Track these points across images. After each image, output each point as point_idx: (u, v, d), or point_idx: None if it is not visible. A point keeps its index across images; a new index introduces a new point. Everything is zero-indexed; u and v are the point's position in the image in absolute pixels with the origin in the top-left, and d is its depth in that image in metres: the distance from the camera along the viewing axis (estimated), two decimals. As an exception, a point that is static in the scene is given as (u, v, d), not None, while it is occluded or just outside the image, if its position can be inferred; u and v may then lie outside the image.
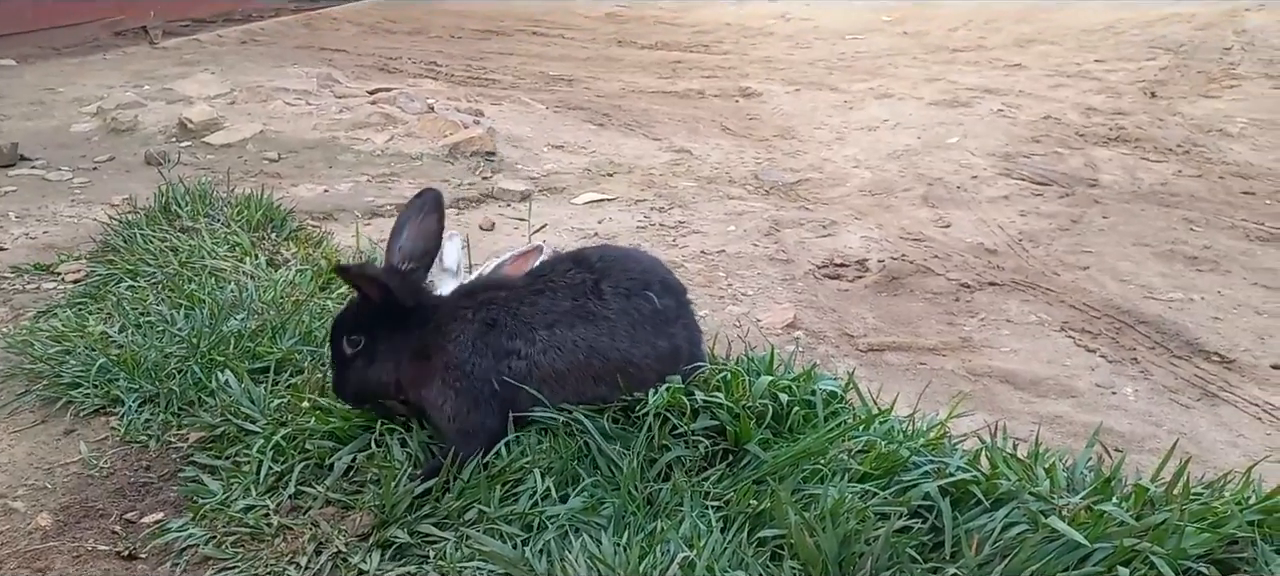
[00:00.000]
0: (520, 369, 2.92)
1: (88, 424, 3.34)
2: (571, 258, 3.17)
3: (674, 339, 3.08)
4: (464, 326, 2.97)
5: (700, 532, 2.45)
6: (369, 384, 3.04)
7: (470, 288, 3.17)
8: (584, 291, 3.00)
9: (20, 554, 2.71)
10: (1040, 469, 2.69)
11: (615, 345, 2.96)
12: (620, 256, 3.22)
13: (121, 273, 4.34)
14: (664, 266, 3.35)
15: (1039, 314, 4.99)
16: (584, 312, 2.97)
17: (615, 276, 3.05)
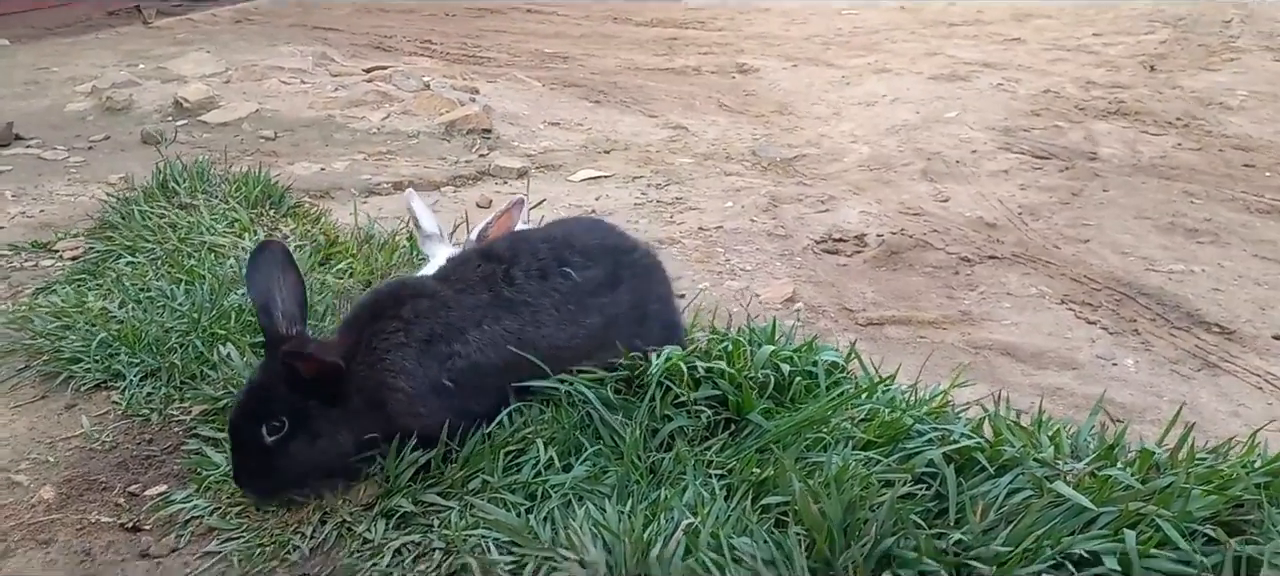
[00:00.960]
0: (463, 368, 2.78)
1: (89, 398, 3.33)
2: (480, 251, 3.06)
3: (607, 310, 2.98)
4: (402, 353, 2.74)
5: (704, 500, 2.45)
6: (318, 465, 2.71)
7: (387, 306, 2.84)
8: (496, 281, 2.89)
9: (24, 526, 2.71)
10: (1044, 436, 2.69)
11: (541, 333, 2.87)
12: (533, 236, 3.12)
13: (120, 249, 4.32)
14: (599, 230, 3.23)
15: (1040, 287, 5.00)
16: (504, 303, 2.87)
17: (525, 260, 2.93)
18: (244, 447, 2.68)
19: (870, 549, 2.24)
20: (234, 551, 2.58)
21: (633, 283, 3.08)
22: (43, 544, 2.65)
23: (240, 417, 2.69)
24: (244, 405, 2.70)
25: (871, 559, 2.24)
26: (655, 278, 3.25)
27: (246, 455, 2.68)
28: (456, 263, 3.04)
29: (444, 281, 2.93)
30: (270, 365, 2.69)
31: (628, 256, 3.14)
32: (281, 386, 2.64)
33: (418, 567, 2.46)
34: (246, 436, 2.67)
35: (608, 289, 3.02)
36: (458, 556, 2.44)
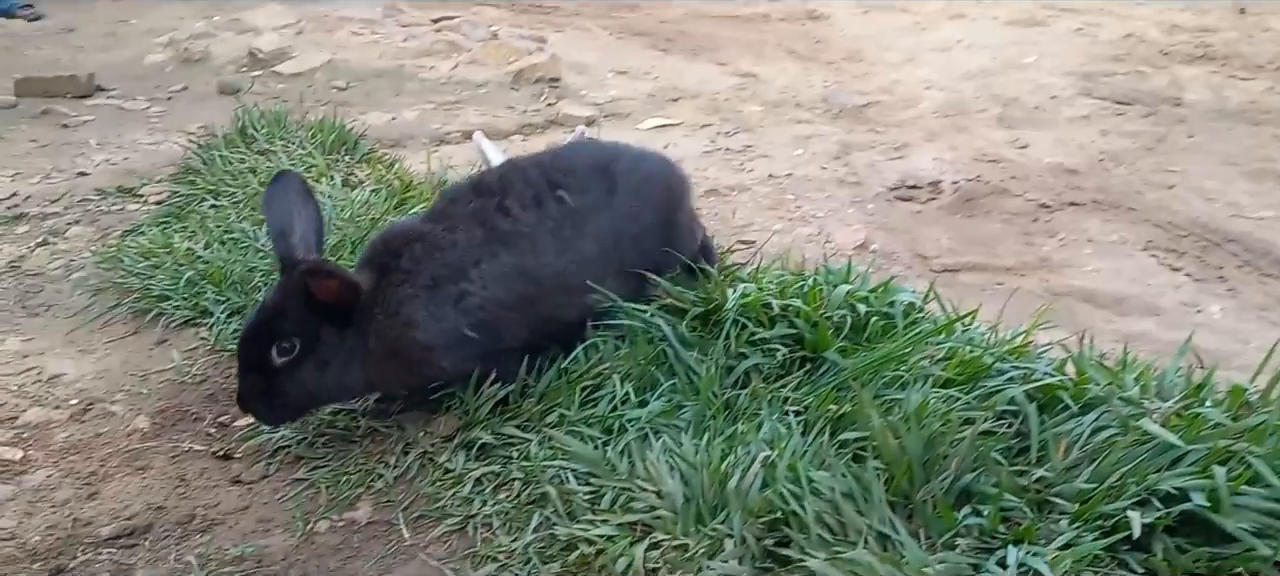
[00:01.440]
0: (474, 305, 2.74)
1: (179, 334, 3.44)
2: (471, 185, 2.97)
3: (607, 227, 2.91)
4: (412, 305, 2.69)
5: (780, 435, 2.45)
6: (323, 393, 2.71)
7: (383, 249, 2.82)
8: (490, 215, 2.81)
9: (121, 453, 2.82)
10: (1129, 376, 2.64)
11: (541, 261, 2.81)
12: (523, 162, 3.04)
13: (203, 193, 4.43)
14: (590, 149, 3.15)
15: (1122, 233, 4.87)
16: (500, 237, 2.79)
17: (517, 189, 2.86)
18: (252, 368, 2.62)
19: (950, 484, 2.23)
20: (321, 479, 2.66)
21: (626, 194, 2.98)
22: (139, 470, 2.75)
23: (250, 337, 2.63)
24: (255, 325, 2.64)
25: (951, 493, 2.22)
26: (654, 185, 3.11)
27: (254, 376, 2.63)
28: (448, 199, 2.94)
29: (435, 221, 2.85)
30: (285, 287, 2.64)
31: (617, 165, 3.02)
32: (296, 307, 2.60)
33: (498, 496, 2.51)
34: (255, 357, 2.61)
35: (604, 207, 2.94)
36: (537, 486, 2.48)
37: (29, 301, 3.73)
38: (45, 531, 2.50)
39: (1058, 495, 2.22)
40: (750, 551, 2.16)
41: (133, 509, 2.57)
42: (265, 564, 2.37)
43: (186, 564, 2.37)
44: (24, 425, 2.95)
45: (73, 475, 2.73)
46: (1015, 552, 2.02)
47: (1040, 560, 1.99)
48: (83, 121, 6.39)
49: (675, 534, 2.25)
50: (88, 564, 2.39)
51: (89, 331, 3.49)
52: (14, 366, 3.27)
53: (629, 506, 2.36)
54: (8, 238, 4.37)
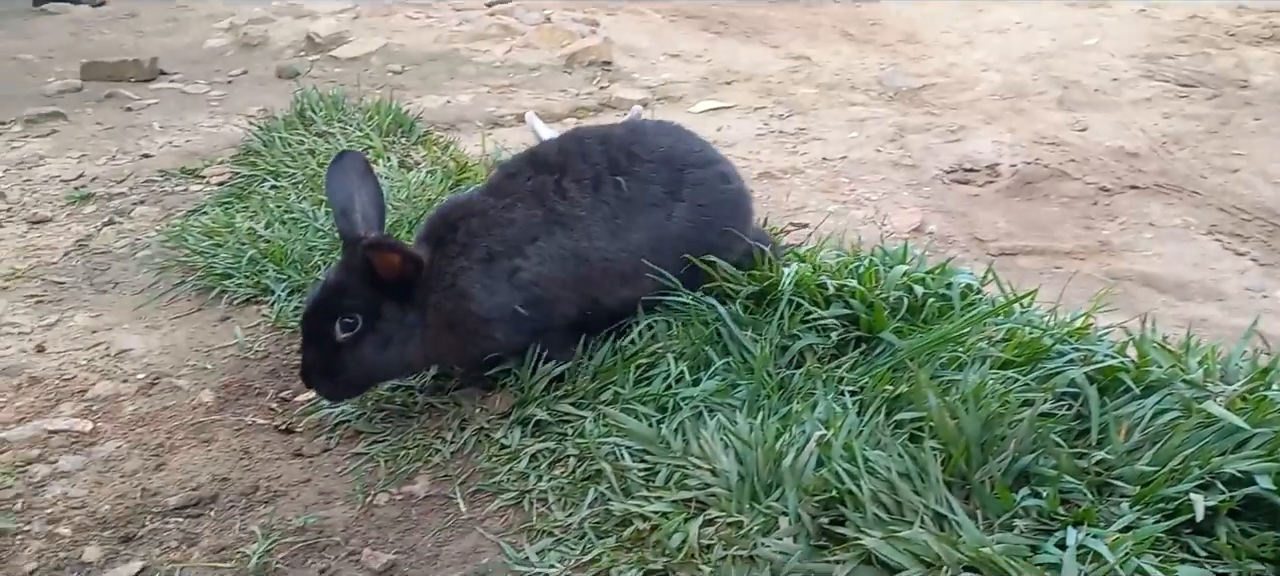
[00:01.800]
0: (527, 281, 2.74)
1: (241, 311, 3.51)
2: (529, 160, 2.95)
3: (662, 227, 2.86)
4: (468, 274, 2.71)
5: (836, 414, 2.45)
6: (384, 368, 2.74)
7: (440, 224, 2.85)
8: (548, 194, 2.80)
9: (186, 426, 2.89)
10: (1193, 359, 2.59)
11: (593, 246, 2.78)
12: (588, 138, 2.98)
13: (264, 174, 4.51)
14: (670, 136, 3.04)
15: (1184, 217, 4.78)
16: (557, 218, 2.78)
17: (575, 168, 2.84)
18: (315, 344, 2.66)
19: (1008, 464, 2.21)
20: (380, 453, 2.70)
21: (691, 209, 2.90)
22: (205, 442, 2.82)
23: (314, 313, 2.66)
24: (318, 300, 2.68)
25: (1009, 474, 2.20)
26: (723, 202, 3.01)
27: (317, 352, 2.66)
28: (507, 174, 2.93)
29: (494, 195, 2.85)
30: (348, 264, 2.69)
31: (688, 172, 2.94)
32: (358, 283, 2.64)
33: (553, 472, 2.53)
34: (319, 332, 2.65)
35: (662, 206, 2.88)
36: (592, 462, 2.50)
37: (97, 278, 3.83)
38: (114, 500, 2.57)
39: (1118, 477, 2.19)
40: (805, 529, 2.16)
41: (199, 479, 2.64)
42: (326, 534, 2.42)
43: (251, 532, 2.42)
44: (93, 398, 3.03)
45: (141, 446, 2.80)
46: (1074, 534, 2.00)
47: (1100, 542, 1.97)
48: (146, 105, 6.53)
49: (730, 511, 2.26)
50: (156, 532, 2.45)
51: (155, 308, 3.57)
52: (83, 341, 3.36)
53: (683, 483, 2.37)
54: (76, 217, 4.48)
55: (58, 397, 3.03)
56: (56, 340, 3.36)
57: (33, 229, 4.34)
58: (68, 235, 4.26)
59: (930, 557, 1.97)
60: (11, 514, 2.50)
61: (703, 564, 2.16)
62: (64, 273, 3.88)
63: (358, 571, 2.30)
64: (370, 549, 2.36)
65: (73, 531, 2.45)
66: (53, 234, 4.29)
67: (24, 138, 5.68)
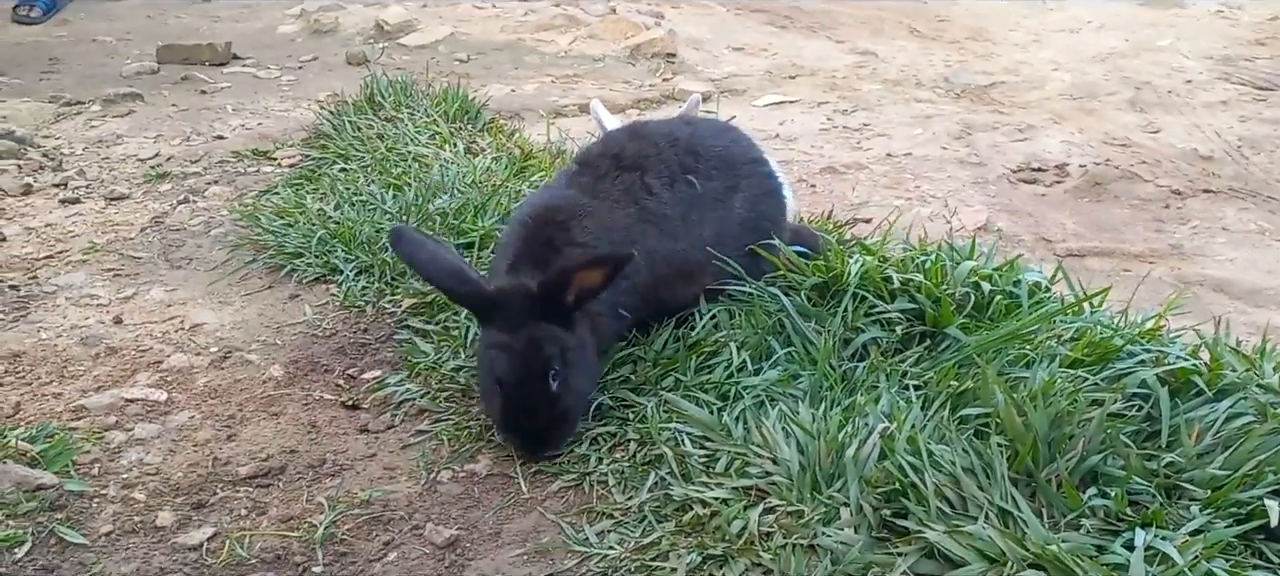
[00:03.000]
0: (630, 285, 2.77)
1: (310, 289, 3.58)
2: (609, 156, 2.97)
3: (724, 225, 2.96)
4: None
5: (899, 408, 2.43)
6: (588, 392, 2.69)
7: (545, 226, 2.80)
8: (638, 193, 2.85)
9: (257, 399, 2.96)
10: (1268, 365, 2.53)
11: (676, 247, 2.86)
12: (656, 136, 3.04)
13: (333, 156, 4.60)
14: (726, 136, 3.16)
15: (1260, 222, 4.67)
16: (649, 217, 2.84)
17: (654, 166, 2.90)
18: (537, 408, 2.54)
19: (1076, 464, 2.18)
20: (443, 432, 2.74)
21: (746, 203, 3.03)
22: (274, 415, 2.88)
23: (526, 381, 2.52)
24: (522, 369, 2.52)
25: (1077, 473, 2.18)
26: (770, 197, 3.14)
27: (543, 412, 2.54)
28: (592, 172, 2.95)
29: (589, 194, 2.87)
30: (517, 319, 2.56)
31: (743, 167, 3.07)
32: (542, 328, 2.54)
33: (613, 455, 2.55)
34: (538, 396, 2.53)
35: (723, 202, 2.98)
36: (652, 447, 2.52)
37: (172, 255, 3.93)
38: (187, 468, 2.64)
39: (1188, 481, 2.15)
40: (867, 520, 2.15)
41: (268, 451, 2.70)
42: (391, 508, 2.46)
43: (318, 504, 2.48)
44: (168, 369, 3.11)
45: (213, 417, 2.87)
46: (1142, 535, 1.97)
47: (1168, 544, 1.94)
48: (220, 88, 6.67)
49: (790, 500, 2.26)
50: (226, 500, 2.52)
51: (227, 284, 3.66)
52: (159, 315, 3.46)
53: (744, 471, 2.37)
54: (152, 195, 4.60)
55: (134, 368, 3.12)
56: (133, 313, 3.46)
57: (111, 205, 4.47)
58: (144, 212, 4.38)
59: (994, 553, 1.96)
60: (89, 478, 2.58)
61: (763, 551, 2.16)
62: (140, 248, 3.99)
63: (421, 545, 2.34)
64: (433, 524, 2.40)
65: (147, 497, 2.53)
66: (130, 210, 4.41)
67: (102, 117, 5.84)
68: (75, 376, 3.07)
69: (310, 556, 2.31)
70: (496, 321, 2.60)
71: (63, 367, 3.11)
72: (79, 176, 4.83)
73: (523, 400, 2.54)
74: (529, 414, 2.54)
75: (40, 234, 4.13)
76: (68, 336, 3.30)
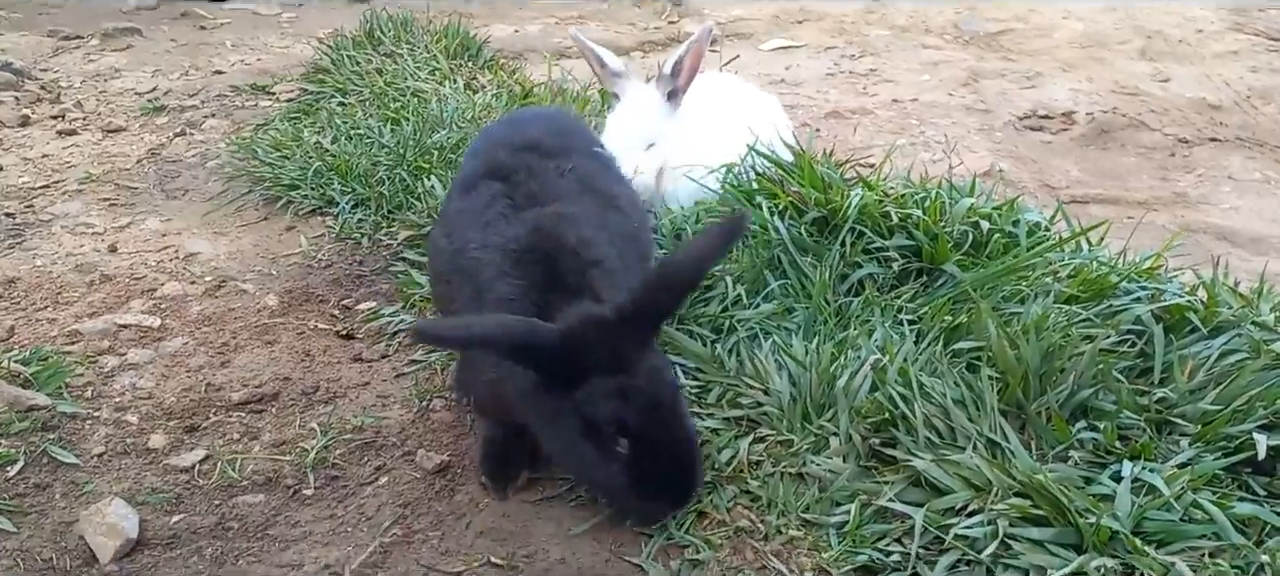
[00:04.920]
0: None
1: (306, 221, 3.57)
2: (525, 149, 2.52)
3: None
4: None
5: (892, 341, 2.42)
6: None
7: (520, 255, 2.20)
8: (576, 177, 2.48)
9: (251, 327, 2.95)
10: (1264, 304, 2.51)
11: (631, 223, 2.53)
12: (529, 127, 2.69)
13: (331, 91, 4.56)
14: (551, 125, 2.77)
15: (1265, 171, 4.62)
16: (605, 202, 2.48)
17: (566, 153, 2.55)
18: (684, 447, 2.06)
19: (1066, 397, 2.18)
20: (438, 361, 2.74)
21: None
22: (268, 343, 2.88)
23: (663, 422, 2.02)
24: (656, 407, 2.00)
25: (1067, 407, 2.17)
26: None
27: (688, 453, 2.08)
28: (500, 175, 2.43)
29: (536, 197, 2.36)
30: (617, 356, 2.00)
31: (574, 138, 2.75)
32: (654, 356, 2.10)
33: (606, 386, 2.54)
34: (682, 430, 2.07)
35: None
36: (644, 378, 2.50)
37: (167, 186, 3.92)
38: (180, 393, 2.64)
39: (1179, 415, 2.15)
40: (856, 449, 2.15)
41: (261, 378, 2.70)
42: (383, 434, 2.46)
43: (310, 430, 2.48)
44: (162, 297, 3.11)
45: (206, 344, 2.87)
46: (1130, 467, 1.96)
47: (1156, 476, 1.93)
48: (219, 24, 6.62)
49: (780, 430, 2.26)
50: (219, 424, 2.52)
51: (223, 215, 3.65)
52: (154, 244, 3.45)
53: (736, 402, 2.37)
54: (149, 127, 4.58)
55: (128, 295, 3.12)
56: (128, 242, 3.45)
57: (107, 137, 4.45)
58: (141, 144, 4.36)
59: (981, 482, 1.96)
60: (82, 400, 2.59)
61: (751, 478, 2.16)
62: (136, 179, 3.98)
63: (412, 470, 2.34)
64: (425, 450, 2.40)
65: (139, 419, 2.53)
66: (126, 142, 4.39)
67: (101, 51, 5.80)
68: (69, 303, 3.07)
69: (301, 479, 2.32)
70: (591, 366, 1.99)
71: (57, 294, 3.11)
72: (76, 109, 4.81)
73: (667, 446, 2.02)
74: (674, 460, 2.03)
75: (37, 164, 4.12)
76: (63, 264, 3.29)
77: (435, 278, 2.55)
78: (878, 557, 1.93)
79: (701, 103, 3.45)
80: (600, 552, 2.06)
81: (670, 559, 2.02)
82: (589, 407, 1.97)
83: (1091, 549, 1.81)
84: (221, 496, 2.27)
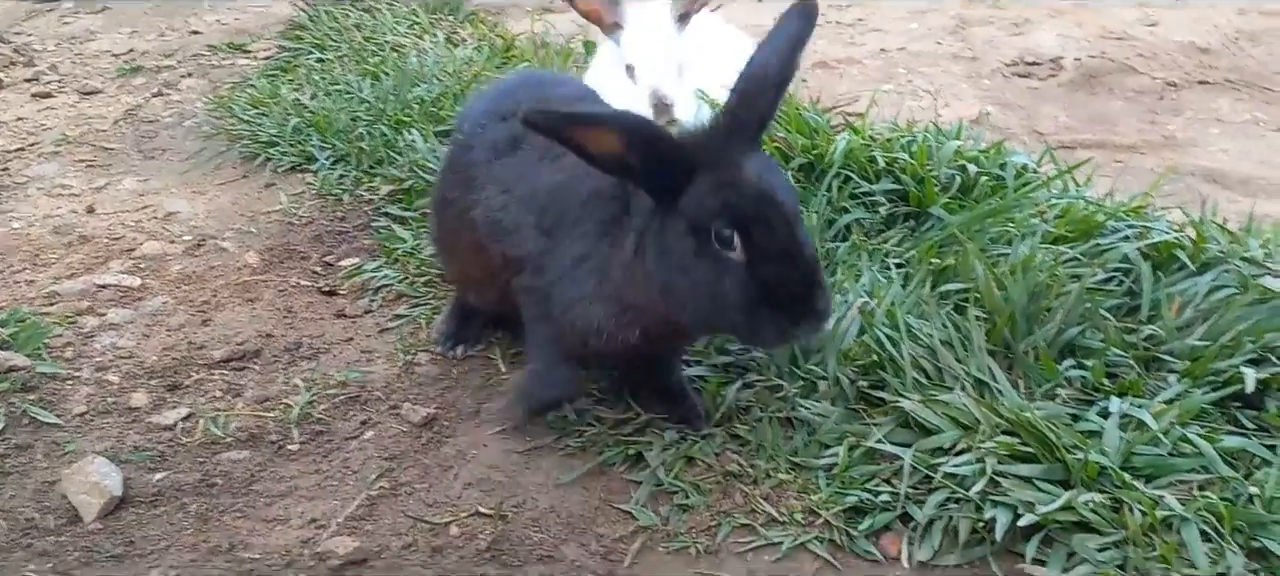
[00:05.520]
0: None
1: (285, 178, 3.53)
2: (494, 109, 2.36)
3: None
4: None
5: (880, 285, 2.40)
6: None
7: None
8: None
9: (232, 285, 2.92)
10: (1253, 240, 2.50)
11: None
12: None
13: (309, 47, 4.50)
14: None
15: (1254, 113, 4.59)
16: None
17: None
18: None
19: (1054, 336, 2.16)
20: (422, 316, 2.71)
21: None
22: (249, 301, 2.85)
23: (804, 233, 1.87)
24: (799, 216, 1.88)
25: (1055, 346, 2.16)
26: None
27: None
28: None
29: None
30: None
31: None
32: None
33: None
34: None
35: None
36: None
37: (145, 146, 3.87)
38: (162, 352, 2.61)
39: (1168, 352, 2.14)
40: (844, 392, 2.14)
41: (243, 335, 2.67)
42: (368, 388, 2.44)
43: (294, 386, 2.46)
44: (142, 256, 3.07)
45: (187, 303, 2.84)
46: (1118, 403, 1.95)
47: (1144, 411, 1.92)
48: (197, -17, 6.52)
49: (769, 375, 2.24)
50: (201, 382, 2.49)
51: (201, 174, 3.61)
52: (132, 204, 3.41)
53: (723, 349, 2.35)
54: (125, 89, 4.52)
55: (107, 255, 3.08)
56: (106, 202, 3.41)
57: (84, 99, 4.39)
58: (117, 105, 4.30)
59: (968, 420, 1.95)
60: (62, 361, 2.55)
61: (740, 424, 2.15)
62: (113, 140, 3.93)
63: (398, 423, 2.32)
64: (410, 403, 2.38)
65: (121, 379, 2.50)
66: (103, 104, 4.33)
67: (76, 13, 5.71)
68: (47, 264, 3.03)
69: (286, 435, 2.30)
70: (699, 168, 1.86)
71: (35, 255, 3.07)
72: (51, 71, 4.74)
73: (785, 244, 1.82)
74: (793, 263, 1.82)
75: (11, 127, 4.06)
76: (40, 226, 3.25)
77: (489, 239, 2.22)
78: (867, 498, 1.92)
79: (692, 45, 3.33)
80: (589, 500, 2.05)
81: (659, 504, 2.01)
82: (695, 206, 1.83)
83: (1079, 484, 1.80)
84: (205, 453, 2.24)
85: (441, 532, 1.98)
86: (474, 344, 2.58)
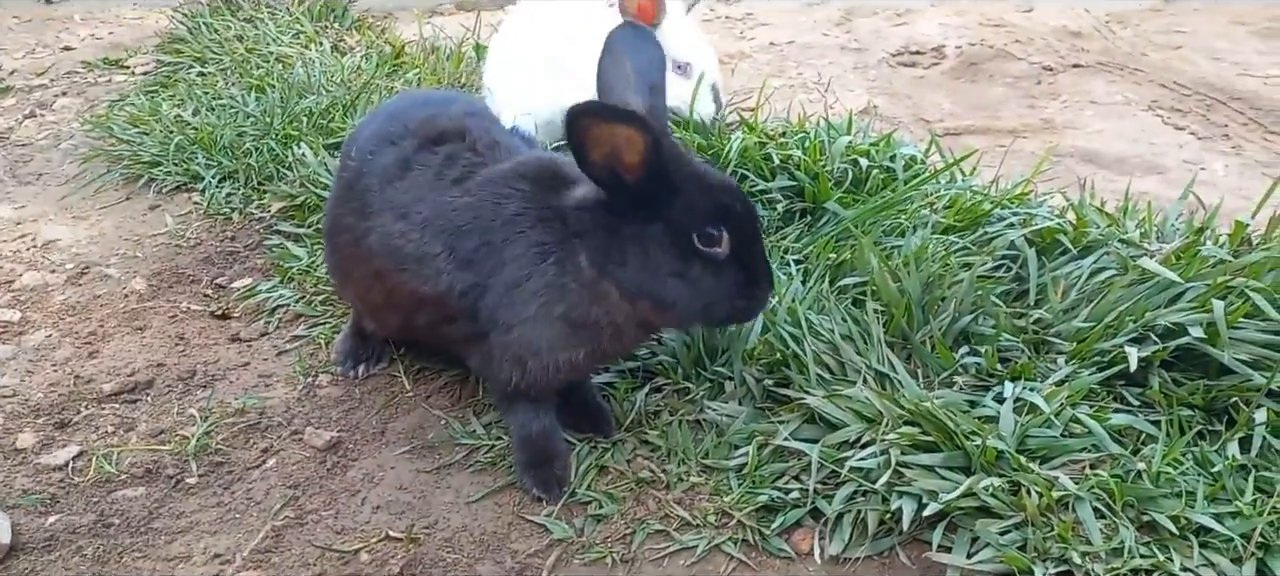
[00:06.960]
0: None
1: (171, 199, 3.41)
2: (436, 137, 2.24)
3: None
4: None
5: (780, 282, 2.44)
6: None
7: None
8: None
9: (119, 314, 2.81)
10: (1130, 222, 2.62)
11: None
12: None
13: (190, 61, 4.36)
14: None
15: (1126, 94, 4.80)
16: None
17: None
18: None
19: (948, 325, 2.23)
20: (321, 336, 2.65)
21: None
22: (138, 330, 2.75)
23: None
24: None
25: (949, 334, 2.22)
26: None
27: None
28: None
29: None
30: None
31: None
32: None
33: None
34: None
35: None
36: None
37: (19, 171, 3.70)
38: (47, 388, 2.50)
39: (1056, 335, 2.22)
40: (751, 391, 2.17)
41: (133, 366, 2.57)
42: (268, 415, 2.38)
43: (189, 416, 2.38)
44: (21, 288, 2.94)
45: (72, 335, 2.72)
46: (1012, 388, 2.02)
47: (1036, 394, 2.00)
48: (66, -2, 6.26)
49: (676, 379, 2.26)
50: (91, 417, 2.40)
51: (81, 198, 3.46)
52: (7, 233, 3.25)
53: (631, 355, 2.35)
54: (-5, 110, 4.31)
55: (-17, 289, 2.93)
56: (-21, 233, 3.25)
57: (-52, 123, 4.16)
58: (-14, 128, 4.10)
59: (871, 413, 1.99)
60: (-62, 404, 2.43)
61: (650, 429, 2.16)
62: (-16, 166, 3.74)
63: (301, 449, 2.27)
64: (313, 427, 2.33)
65: (5, 419, 2.39)
66: (-30, 128, 4.12)
67: (-65, 31, 5.42)
68: (-84, 302, 2.87)
69: (184, 468, 2.22)
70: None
71: (-98, 293, 2.91)
72: (-89, 94, 4.48)
73: (753, 223, 1.96)
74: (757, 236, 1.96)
75: None
76: (-94, 261, 3.08)
77: (391, 268, 2.14)
78: (778, 496, 1.95)
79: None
80: (502, 516, 2.04)
81: (573, 516, 2.01)
82: (686, 212, 1.87)
83: (979, 470, 1.86)
84: (99, 493, 2.16)
85: (351, 560, 1.95)
86: (376, 362, 2.53)
